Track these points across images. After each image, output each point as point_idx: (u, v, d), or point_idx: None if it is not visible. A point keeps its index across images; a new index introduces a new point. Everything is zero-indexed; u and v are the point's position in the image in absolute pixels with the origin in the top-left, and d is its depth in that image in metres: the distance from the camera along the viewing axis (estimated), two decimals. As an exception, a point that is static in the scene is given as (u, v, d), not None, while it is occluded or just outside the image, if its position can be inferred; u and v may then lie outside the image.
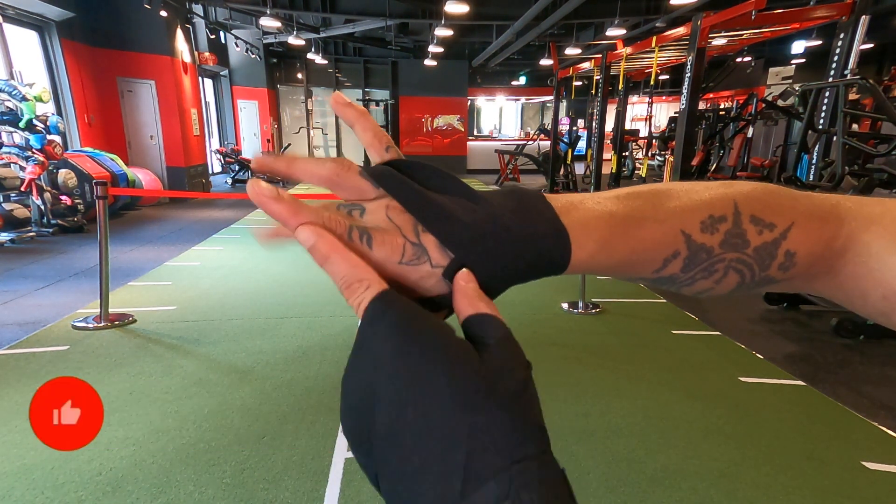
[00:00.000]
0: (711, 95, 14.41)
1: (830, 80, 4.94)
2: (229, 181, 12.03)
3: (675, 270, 0.29)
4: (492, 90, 17.67)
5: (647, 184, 0.32)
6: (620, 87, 8.42)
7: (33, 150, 5.73)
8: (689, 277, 0.30)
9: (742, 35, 7.38)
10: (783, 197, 0.30)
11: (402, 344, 0.22)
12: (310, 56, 13.34)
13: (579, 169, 11.21)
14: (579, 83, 14.35)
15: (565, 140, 10.48)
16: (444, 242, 0.25)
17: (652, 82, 7.65)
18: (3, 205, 5.70)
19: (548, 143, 11.14)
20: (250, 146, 14.30)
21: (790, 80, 13.28)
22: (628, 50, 7.90)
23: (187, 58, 9.55)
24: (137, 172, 7.93)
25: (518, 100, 18.71)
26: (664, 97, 16.86)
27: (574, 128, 12.30)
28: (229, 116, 14.11)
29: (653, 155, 12.89)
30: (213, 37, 11.30)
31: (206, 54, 10.96)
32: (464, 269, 0.26)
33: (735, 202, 0.29)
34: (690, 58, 5.62)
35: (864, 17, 4.90)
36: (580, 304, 3.80)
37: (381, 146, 0.28)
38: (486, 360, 0.22)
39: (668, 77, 15.00)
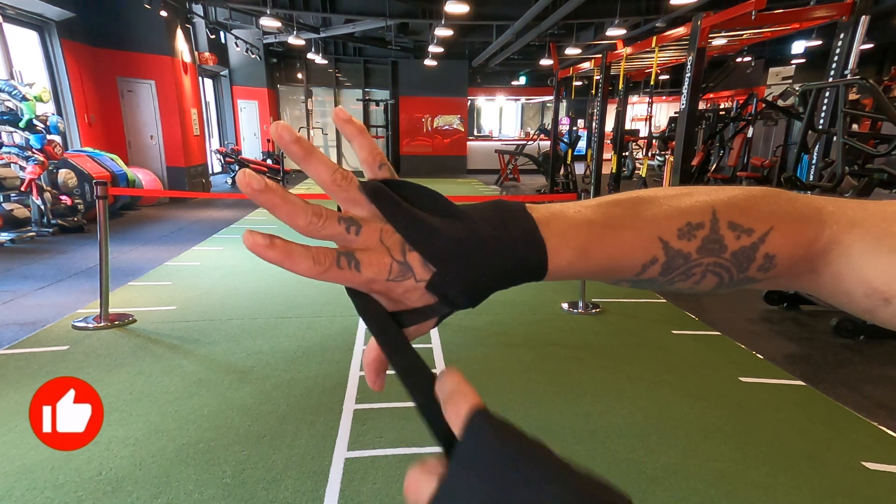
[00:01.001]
0: (711, 95, 14.41)
1: (830, 80, 4.93)
2: (229, 181, 12.02)
3: (653, 274, 0.31)
4: (492, 90, 17.65)
5: (632, 191, 0.33)
6: (620, 87, 8.41)
7: (33, 150, 5.73)
8: (667, 280, 0.32)
9: (742, 35, 7.37)
10: (764, 202, 0.31)
11: (512, 455, 0.22)
12: (310, 56, 13.34)
13: (579, 169, 11.20)
14: (579, 83, 14.32)
15: (565, 140, 10.46)
16: (427, 258, 0.28)
17: (652, 82, 7.63)
18: (3, 205, 5.70)
19: (548, 143, 11.14)
20: (250, 146, 14.31)
21: (790, 80, 13.27)
22: (628, 50, 7.89)
23: (187, 58, 9.55)
24: (137, 172, 7.92)
25: (518, 100, 18.69)
26: (664, 97, 16.84)
27: (574, 128, 12.28)
28: (229, 116, 14.11)
29: (653, 155, 12.88)
30: (213, 37, 11.30)
31: (206, 54, 10.96)
32: None
33: (714, 209, 0.31)
34: (690, 58, 5.61)
35: (864, 17, 4.89)
36: (580, 304, 3.80)
37: (375, 164, 0.29)
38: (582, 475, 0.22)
39: (668, 77, 14.95)
